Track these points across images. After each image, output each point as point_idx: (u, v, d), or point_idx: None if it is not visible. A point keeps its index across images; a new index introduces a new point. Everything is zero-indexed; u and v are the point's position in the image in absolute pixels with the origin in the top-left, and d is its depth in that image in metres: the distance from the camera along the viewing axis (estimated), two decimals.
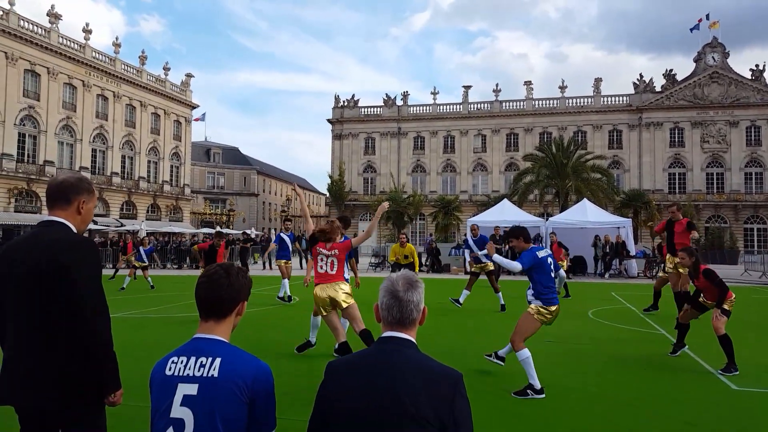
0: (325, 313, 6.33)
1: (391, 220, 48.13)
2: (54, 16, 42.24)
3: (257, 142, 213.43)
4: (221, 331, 1.97)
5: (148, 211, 51.04)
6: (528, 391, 5.19)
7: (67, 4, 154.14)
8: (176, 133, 55.94)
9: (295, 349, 7.17)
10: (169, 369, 1.91)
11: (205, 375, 1.86)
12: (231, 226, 54.61)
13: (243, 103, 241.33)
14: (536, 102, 58.90)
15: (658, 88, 55.04)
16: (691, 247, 7.51)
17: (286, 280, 12.82)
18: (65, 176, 2.54)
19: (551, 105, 58.38)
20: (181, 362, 1.91)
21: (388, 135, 61.34)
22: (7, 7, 38.62)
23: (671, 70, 55.07)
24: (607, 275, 22.42)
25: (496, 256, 5.97)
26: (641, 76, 55.71)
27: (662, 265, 11.56)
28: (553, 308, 5.68)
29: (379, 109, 62.47)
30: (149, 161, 51.98)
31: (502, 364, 6.14)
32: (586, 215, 23.73)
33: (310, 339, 7.20)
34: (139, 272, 18.19)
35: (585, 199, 26.87)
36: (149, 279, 17.04)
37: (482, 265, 11.96)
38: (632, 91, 56.11)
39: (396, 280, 1.95)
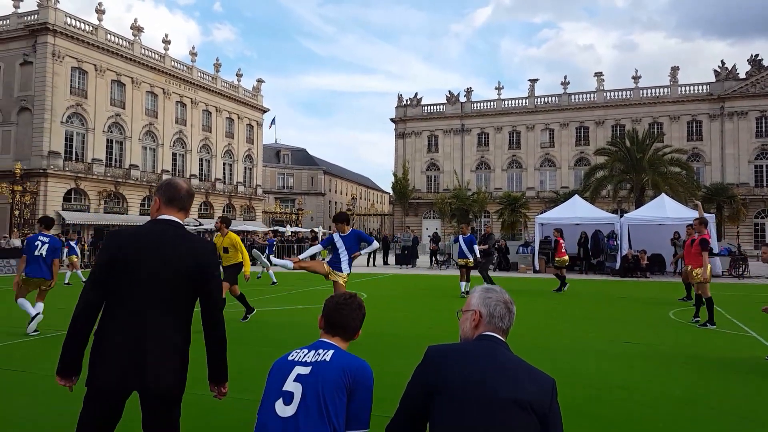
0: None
1: (456, 217, 47.99)
2: (137, 29, 44.96)
3: (324, 142, 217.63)
4: (343, 345, 2.40)
5: (223, 211, 53.37)
6: None
7: (148, 17, 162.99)
8: (249, 136, 58.18)
9: None
10: (291, 356, 2.31)
11: (318, 360, 2.23)
12: (299, 225, 56.16)
13: (310, 105, 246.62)
14: (608, 93, 56.88)
15: (741, 75, 51.85)
16: None
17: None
18: (187, 183, 2.85)
19: (624, 96, 56.20)
20: (303, 353, 2.30)
21: (451, 132, 61.05)
22: (96, 23, 41.49)
23: (757, 55, 51.68)
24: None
25: None
26: (723, 62, 52.68)
27: None
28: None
29: (441, 106, 62.27)
30: (224, 163, 54.37)
31: None
32: (665, 211, 22.83)
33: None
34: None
35: (663, 195, 25.82)
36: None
37: (466, 259, 13.91)
38: (713, 79, 53.16)
39: (505, 294, 2.27)
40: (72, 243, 19.07)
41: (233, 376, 5.79)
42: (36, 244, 8.37)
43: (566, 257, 16.14)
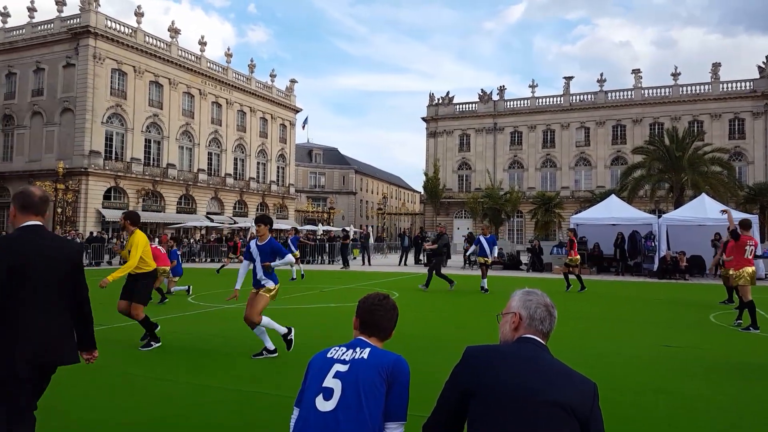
0: None
1: (488, 217, 47.54)
2: (174, 31, 45.95)
3: (355, 142, 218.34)
4: (378, 345, 2.44)
5: (257, 210, 54.16)
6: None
7: (185, 19, 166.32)
8: (282, 135, 58.87)
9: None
10: (330, 354, 2.36)
11: (356, 357, 2.30)
12: (331, 224, 56.56)
13: (342, 105, 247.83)
14: (645, 91, 55.49)
15: None
16: None
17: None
18: (41, 190, 3.20)
19: (663, 94, 54.75)
20: (341, 351, 2.36)
21: (483, 131, 60.51)
22: (135, 25, 42.57)
23: None
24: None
25: None
26: None
27: None
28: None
29: (474, 105, 61.76)
30: (258, 163, 55.15)
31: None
32: (705, 212, 22.16)
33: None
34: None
35: (703, 194, 25.08)
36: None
37: (485, 258, 14.94)
38: (756, 76, 51.34)
39: (546, 297, 2.26)
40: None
41: (271, 374, 5.90)
42: None
43: (578, 256, 15.88)
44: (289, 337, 6.77)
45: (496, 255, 15.47)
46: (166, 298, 12.34)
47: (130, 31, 42.24)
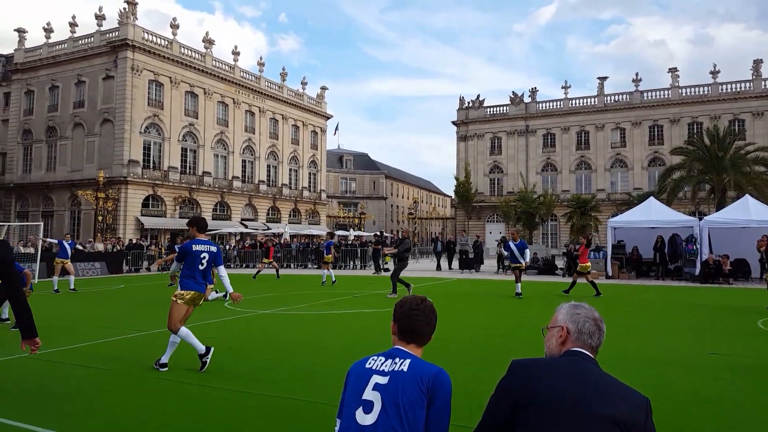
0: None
1: (521, 221, 46.88)
2: (208, 42, 46.95)
3: (385, 147, 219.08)
4: (418, 351, 2.38)
5: (290, 216, 54.75)
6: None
7: (218, 30, 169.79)
8: (313, 142, 59.46)
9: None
10: (368, 364, 2.30)
11: (396, 369, 2.23)
12: (362, 228, 56.76)
13: (372, 110, 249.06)
14: (683, 90, 54.10)
15: None
16: None
17: None
18: None
19: (701, 92, 53.28)
20: (379, 360, 2.30)
21: (515, 134, 59.88)
22: (171, 37, 43.66)
23: None
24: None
25: None
26: None
27: None
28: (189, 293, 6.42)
29: (505, 107, 61.22)
30: (290, 169, 55.81)
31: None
32: (749, 213, 21.39)
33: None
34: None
35: (747, 196, 24.20)
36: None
37: (518, 264, 14.69)
38: None
39: (594, 312, 2.21)
40: (65, 243, 17.31)
41: (305, 379, 5.91)
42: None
43: (588, 263, 15.28)
44: (204, 359, 6.28)
45: (528, 260, 15.16)
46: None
47: (166, 42, 43.34)
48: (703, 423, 4.71)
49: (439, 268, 28.40)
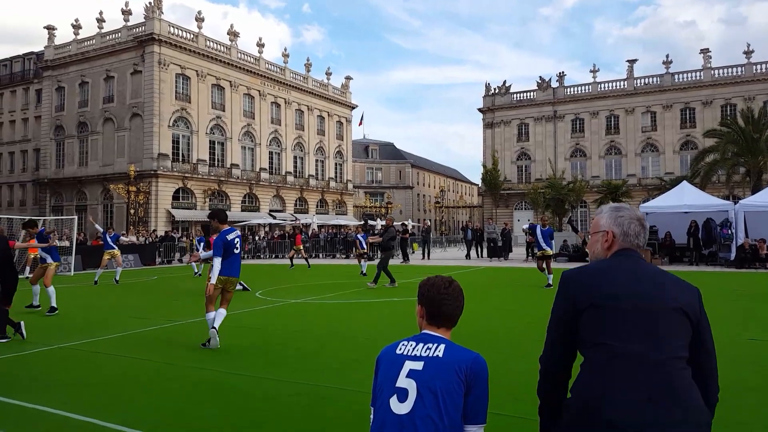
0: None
1: (551, 208, 46.31)
2: (233, 35, 47.27)
3: (411, 136, 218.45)
4: (447, 334, 2.27)
5: (317, 206, 55.09)
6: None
7: (243, 22, 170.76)
8: (339, 132, 59.57)
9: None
10: (399, 349, 2.19)
11: (431, 355, 2.12)
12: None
13: (398, 99, 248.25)
14: (715, 71, 52.54)
15: None
16: None
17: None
18: None
19: (735, 73, 51.68)
20: (411, 345, 2.19)
21: (542, 119, 59.01)
22: (196, 30, 44.08)
23: None
24: None
25: None
26: None
27: None
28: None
29: (532, 93, 60.32)
30: (316, 160, 56.07)
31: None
32: None
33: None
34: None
35: None
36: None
37: (543, 250, 14.12)
38: None
39: (637, 211, 2.18)
40: (108, 237, 17.17)
41: (337, 368, 5.96)
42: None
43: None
44: (208, 341, 7.03)
45: (552, 249, 14.54)
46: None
47: (192, 36, 43.78)
48: (749, 413, 4.61)
49: (468, 256, 28.27)
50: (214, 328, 6.97)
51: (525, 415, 4.31)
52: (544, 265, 14.13)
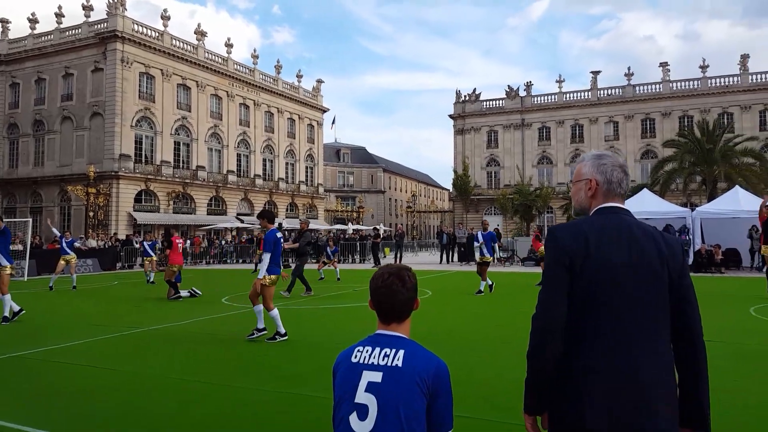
0: None
1: (519, 213, 47.10)
2: (200, 34, 46.53)
3: (383, 141, 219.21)
4: (402, 329, 2.06)
5: (287, 210, 54.59)
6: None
7: (211, 22, 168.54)
8: (309, 136, 59.24)
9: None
10: (355, 357, 2.01)
11: (389, 364, 1.94)
12: (360, 222, 56.72)
13: (369, 104, 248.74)
14: (674, 84, 54.43)
15: None
16: None
17: None
18: None
19: (691, 86, 53.63)
20: (366, 351, 2.00)
21: (511, 127, 60.01)
22: (162, 29, 43.24)
23: None
24: (765, 269, 20.24)
25: None
26: None
27: None
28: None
29: (501, 101, 61.34)
30: (287, 163, 55.60)
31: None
32: (739, 204, 21.59)
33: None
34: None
35: (737, 187, 24.42)
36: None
37: (483, 257, 14.02)
38: None
39: (618, 158, 2.20)
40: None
41: (312, 375, 5.92)
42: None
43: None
44: (275, 337, 7.72)
45: (498, 255, 14.11)
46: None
47: (157, 34, 42.89)
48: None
49: (442, 260, 28.53)
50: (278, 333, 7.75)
51: (499, 418, 4.35)
52: (480, 271, 13.80)
